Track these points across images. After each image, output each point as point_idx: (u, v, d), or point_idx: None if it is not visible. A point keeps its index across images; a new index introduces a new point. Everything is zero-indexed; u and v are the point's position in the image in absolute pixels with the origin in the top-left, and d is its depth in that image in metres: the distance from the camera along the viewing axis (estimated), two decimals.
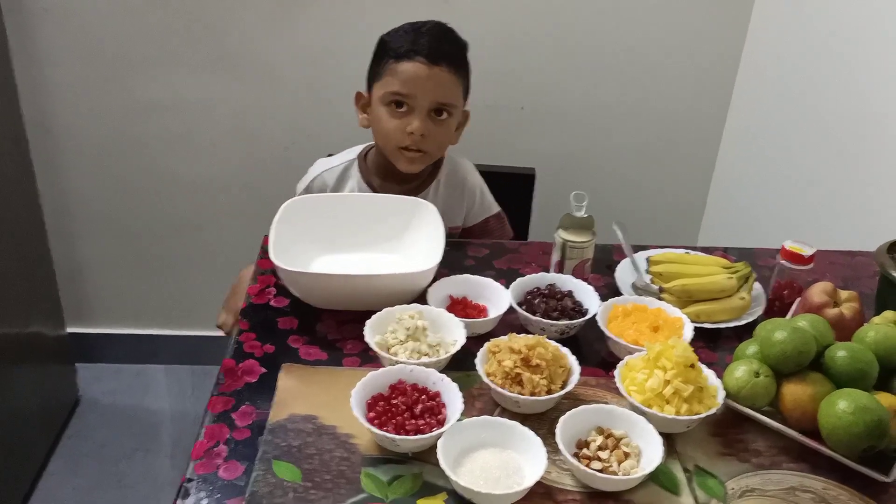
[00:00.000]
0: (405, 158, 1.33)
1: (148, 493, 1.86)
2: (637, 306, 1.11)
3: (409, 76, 1.28)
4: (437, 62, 1.28)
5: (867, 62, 1.46)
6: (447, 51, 1.31)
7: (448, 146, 1.39)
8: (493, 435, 0.89)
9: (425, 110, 1.29)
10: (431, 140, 1.31)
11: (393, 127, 1.30)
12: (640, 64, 1.91)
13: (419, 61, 1.28)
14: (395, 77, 1.29)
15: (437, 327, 1.06)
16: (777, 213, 1.77)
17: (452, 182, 1.45)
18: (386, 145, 1.34)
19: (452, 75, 1.30)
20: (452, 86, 1.31)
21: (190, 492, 0.84)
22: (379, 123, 1.33)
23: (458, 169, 1.46)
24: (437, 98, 1.30)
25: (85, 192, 1.99)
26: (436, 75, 1.28)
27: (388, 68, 1.29)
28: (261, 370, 1.02)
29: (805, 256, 1.13)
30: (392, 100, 1.30)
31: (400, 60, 1.28)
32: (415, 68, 1.28)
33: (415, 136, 1.29)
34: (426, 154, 1.33)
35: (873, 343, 0.95)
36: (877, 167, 1.44)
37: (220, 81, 1.87)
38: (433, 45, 1.29)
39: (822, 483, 0.89)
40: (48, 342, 1.92)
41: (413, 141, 1.30)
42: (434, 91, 1.29)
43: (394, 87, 1.28)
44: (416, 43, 1.28)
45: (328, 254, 1.24)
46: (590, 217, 1.18)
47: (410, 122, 1.29)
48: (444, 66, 1.29)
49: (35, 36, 1.80)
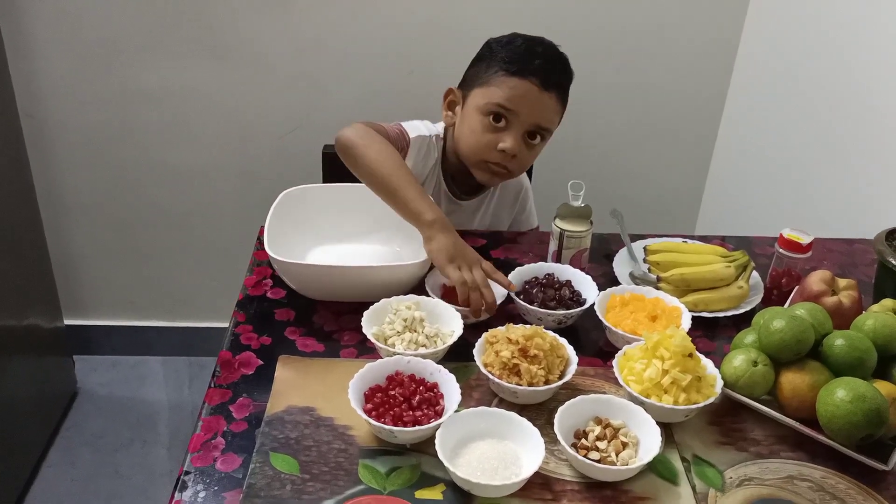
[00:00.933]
0: (487, 172, 1.31)
1: (145, 483, 1.86)
2: (635, 296, 1.11)
3: (519, 94, 1.24)
4: (549, 88, 1.25)
5: (865, 51, 1.46)
6: (560, 79, 1.29)
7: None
8: (491, 425, 0.89)
9: (522, 131, 1.27)
10: (518, 161, 1.29)
11: (486, 140, 1.27)
12: (637, 52, 1.90)
13: (532, 82, 1.24)
14: (502, 90, 1.25)
15: (435, 318, 1.05)
16: (775, 202, 1.77)
17: (508, 188, 1.45)
18: (471, 154, 1.30)
19: (558, 103, 1.28)
20: (554, 113, 1.29)
21: (188, 484, 0.84)
22: (470, 131, 1.29)
23: (524, 182, 1.47)
24: (538, 121, 1.27)
25: (80, 184, 1.98)
26: (544, 100, 1.25)
27: (498, 79, 1.25)
28: (258, 362, 1.02)
29: (803, 244, 1.13)
30: (493, 111, 1.26)
31: (512, 75, 1.24)
32: (526, 88, 1.24)
33: (506, 155, 1.27)
34: (509, 173, 1.31)
35: (871, 331, 0.95)
36: (874, 155, 1.43)
37: (214, 71, 1.86)
38: (549, 69, 1.26)
39: (821, 472, 0.90)
40: (45, 334, 1.91)
41: (502, 158, 1.28)
42: (538, 114, 1.26)
43: (499, 100, 1.25)
44: (532, 62, 1.25)
45: (325, 244, 1.24)
46: (587, 206, 1.18)
47: (504, 139, 1.26)
48: (554, 93, 1.26)
49: (27, 26, 1.79)
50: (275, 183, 1.31)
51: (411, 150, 1.34)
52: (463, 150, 1.32)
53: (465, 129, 1.30)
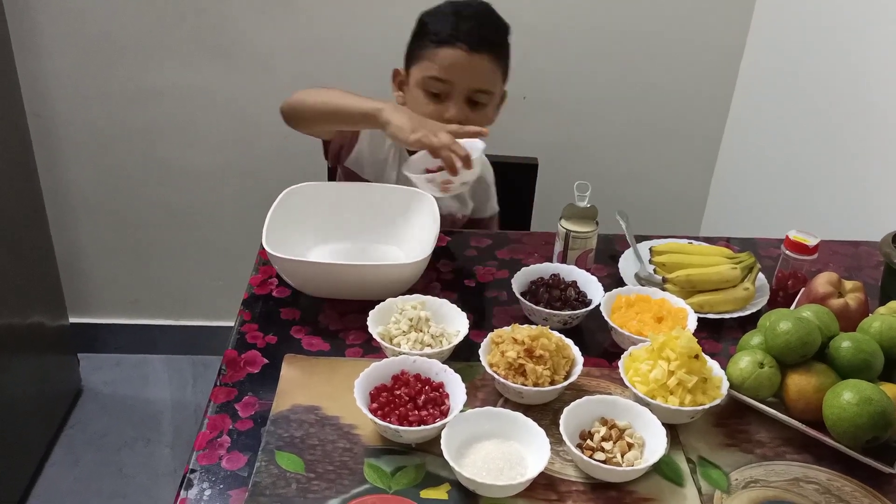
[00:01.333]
0: None
1: (148, 482, 1.86)
2: (640, 297, 1.11)
3: (449, 63, 1.25)
4: (478, 49, 1.25)
5: (871, 52, 1.45)
6: (489, 37, 1.27)
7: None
8: (497, 426, 0.89)
9: (463, 97, 1.28)
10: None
11: (430, 111, 1.28)
12: (644, 53, 1.90)
13: (460, 48, 1.25)
14: (433, 62, 1.26)
15: (440, 318, 1.05)
16: (779, 203, 1.76)
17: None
18: None
19: (492, 62, 1.28)
20: (491, 73, 1.29)
21: (193, 483, 0.84)
22: (416, 107, 1.30)
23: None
24: (476, 85, 1.27)
25: (85, 182, 1.98)
26: (476, 63, 1.25)
27: (428, 52, 1.27)
28: (263, 361, 1.02)
29: (809, 246, 1.13)
30: (430, 85, 1.27)
31: (440, 46, 1.25)
32: (455, 55, 1.25)
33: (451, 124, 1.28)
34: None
35: (878, 333, 0.95)
36: (881, 157, 1.43)
37: (219, 70, 1.86)
38: (475, 30, 1.26)
39: (826, 474, 0.89)
40: (49, 332, 1.92)
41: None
42: (473, 79, 1.27)
43: (432, 73, 1.26)
44: (457, 28, 1.25)
45: (327, 243, 1.24)
46: (593, 207, 1.18)
47: (447, 109, 1.27)
48: (485, 54, 1.26)
49: (34, 24, 1.79)
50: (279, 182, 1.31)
51: (363, 134, 1.35)
52: None
53: (412, 107, 1.31)
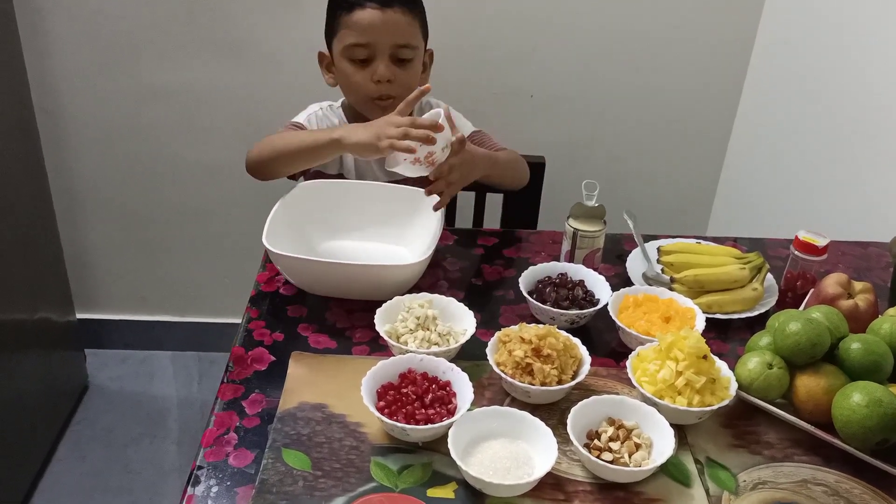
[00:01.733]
0: (378, 109, 1.30)
1: (154, 478, 1.87)
2: (648, 296, 1.10)
3: (364, 24, 1.25)
4: (390, 4, 1.25)
5: (880, 53, 1.45)
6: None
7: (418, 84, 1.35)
8: (504, 425, 0.89)
9: (387, 55, 1.27)
10: (399, 84, 1.29)
11: (359, 79, 1.28)
12: (652, 53, 1.89)
13: (370, 7, 1.25)
14: (350, 28, 1.26)
15: (447, 316, 1.05)
16: (788, 204, 1.76)
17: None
18: (357, 100, 1.33)
19: (407, 15, 1.27)
20: (409, 26, 1.28)
21: (200, 479, 0.84)
22: (346, 79, 1.31)
23: (425, 104, 1.43)
24: (396, 41, 1.27)
25: (93, 179, 1.98)
26: (390, 18, 1.25)
27: (342, 21, 1.27)
28: (270, 358, 1.02)
29: (819, 247, 1.12)
30: (351, 53, 1.28)
31: (352, 10, 1.26)
32: (368, 15, 1.25)
33: (382, 83, 1.28)
34: (397, 99, 1.28)
35: (888, 335, 0.95)
36: (890, 158, 1.42)
37: (227, 68, 1.86)
38: None
39: (835, 476, 0.89)
40: (57, 328, 1.92)
41: (382, 89, 1.28)
42: (392, 34, 1.26)
43: (351, 39, 1.26)
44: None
45: (333, 241, 1.24)
46: (601, 206, 1.17)
47: (374, 69, 1.27)
48: (398, 8, 1.26)
49: (44, 21, 1.79)
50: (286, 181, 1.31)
51: (307, 126, 1.36)
52: (352, 100, 1.34)
53: (342, 81, 1.32)
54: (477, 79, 1.89)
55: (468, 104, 1.86)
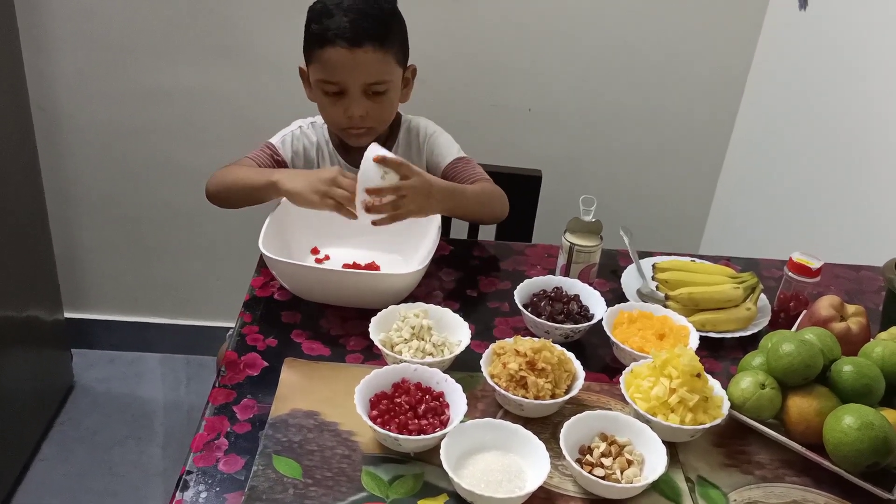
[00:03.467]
0: (353, 136, 1.30)
1: (138, 481, 1.85)
2: (643, 313, 1.10)
3: (333, 63, 1.21)
4: (360, 43, 1.20)
5: (875, 74, 1.46)
6: (368, 28, 1.20)
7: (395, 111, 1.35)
8: (496, 437, 0.89)
9: (359, 92, 1.24)
10: (373, 117, 1.27)
11: (333, 111, 1.27)
12: (649, 69, 1.91)
13: (341, 46, 1.20)
14: (321, 64, 1.23)
15: (442, 327, 1.05)
16: (781, 225, 1.77)
17: (408, 140, 1.41)
18: (331, 126, 1.33)
19: (378, 51, 1.22)
20: (380, 63, 1.23)
21: (189, 484, 0.83)
22: (321, 107, 1.30)
23: (412, 126, 1.41)
24: (367, 80, 1.23)
25: (87, 179, 1.97)
26: (360, 58, 1.20)
27: (315, 55, 1.24)
28: (263, 364, 1.01)
29: (812, 269, 1.13)
30: (324, 87, 1.25)
31: (323, 47, 1.21)
32: (337, 55, 1.20)
33: (354, 119, 1.26)
34: (372, 129, 1.30)
35: (880, 359, 0.95)
36: (884, 181, 1.43)
37: (224, 71, 1.86)
38: (352, 24, 1.20)
39: (825, 498, 0.89)
40: (45, 326, 1.91)
41: (354, 122, 1.27)
42: (362, 74, 1.22)
43: (322, 76, 1.24)
44: (337, 25, 1.20)
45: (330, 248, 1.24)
46: (598, 222, 1.18)
47: (347, 105, 1.25)
48: (368, 46, 1.20)
49: (43, 20, 1.79)
50: None
51: (281, 149, 1.35)
52: (327, 124, 1.34)
53: (318, 105, 1.31)
54: (475, 92, 1.89)
55: (466, 117, 1.87)
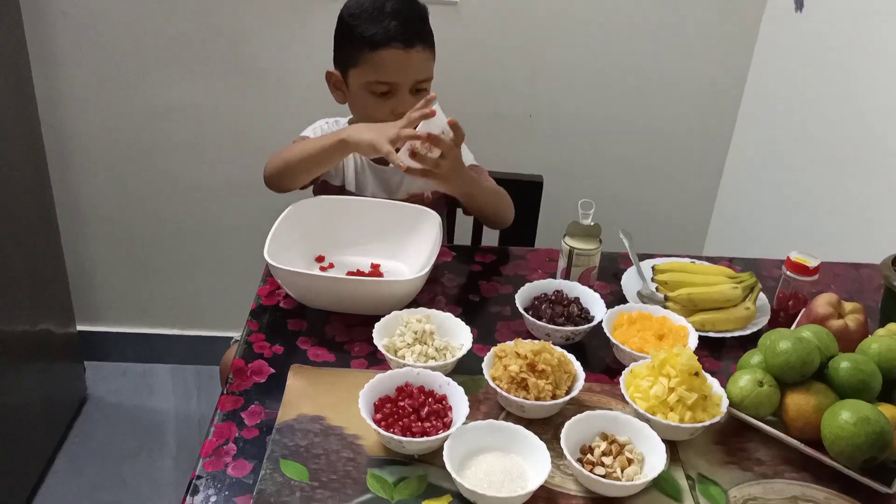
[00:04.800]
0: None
1: (149, 493, 1.87)
2: (642, 314, 1.12)
3: (389, 64, 1.28)
4: (412, 44, 1.28)
5: (872, 77, 1.47)
6: (418, 29, 1.30)
7: None
8: (498, 439, 0.90)
9: (407, 90, 1.31)
10: None
11: (381, 112, 1.31)
12: (649, 74, 1.92)
13: (396, 48, 1.27)
14: (373, 66, 1.29)
15: (444, 331, 1.07)
16: (782, 225, 1.78)
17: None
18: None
19: (426, 51, 1.31)
20: (427, 62, 1.32)
21: (199, 489, 0.85)
22: (364, 109, 1.34)
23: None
24: (418, 77, 1.31)
25: (97, 196, 2.01)
26: (413, 58, 1.29)
27: (364, 57, 1.29)
28: (269, 370, 1.03)
29: (810, 268, 1.14)
30: (374, 88, 1.30)
31: (376, 49, 1.28)
32: (392, 56, 1.27)
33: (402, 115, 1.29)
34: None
35: (877, 355, 0.96)
36: (881, 181, 1.44)
37: (231, 88, 1.89)
38: (404, 26, 1.28)
39: (825, 493, 0.90)
40: (57, 340, 1.93)
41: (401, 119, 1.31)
42: (415, 72, 1.30)
43: (375, 77, 1.29)
44: (387, 28, 1.27)
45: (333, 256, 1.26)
46: (597, 225, 1.19)
47: (396, 104, 1.30)
48: (419, 45, 1.29)
49: (52, 39, 1.82)
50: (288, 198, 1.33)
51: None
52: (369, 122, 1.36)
53: (359, 108, 1.35)
54: (477, 99, 1.92)
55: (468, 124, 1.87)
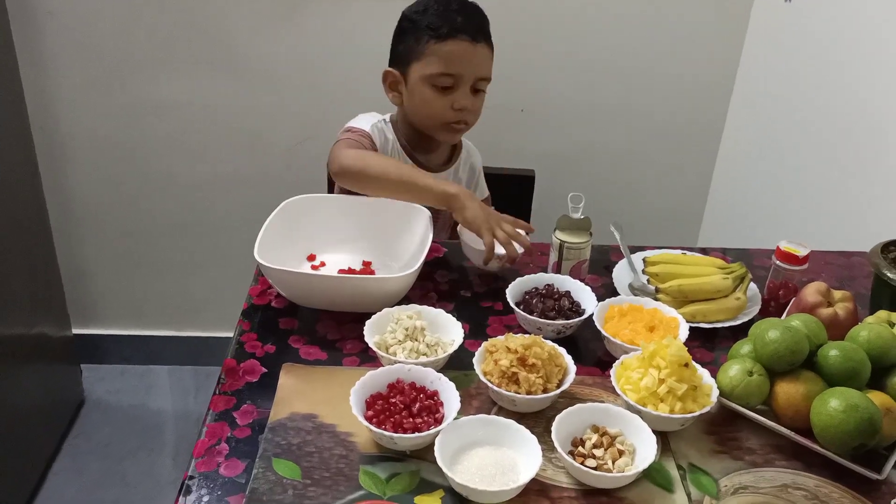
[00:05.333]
0: (449, 132, 1.38)
1: (150, 492, 1.88)
2: (633, 306, 1.12)
3: (456, 56, 1.30)
4: (479, 39, 1.31)
5: (861, 68, 1.47)
6: (483, 26, 1.34)
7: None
8: (490, 433, 0.91)
9: (469, 86, 1.33)
10: (473, 112, 1.37)
11: (440, 105, 1.33)
12: (640, 67, 1.92)
13: (463, 39, 1.30)
14: (439, 57, 1.30)
15: (436, 327, 1.07)
16: (774, 215, 1.78)
17: (466, 165, 1.51)
18: (430, 122, 1.37)
19: (489, 49, 1.35)
20: (489, 60, 1.35)
21: (192, 489, 0.86)
22: (422, 103, 1.35)
23: (471, 152, 1.52)
24: (480, 73, 1.34)
25: (90, 194, 2.01)
26: (478, 52, 1.32)
27: (431, 49, 1.31)
28: (261, 370, 1.04)
29: (799, 257, 1.14)
30: (437, 80, 1.32)
31: (443, 40, 1.30)
32: (460, 48, 1.30)
33: (462, 112, 1.34)
34: (467, 126, 1.38)
35: (866, 342, 0.97)
36: (871, 169, 1.45)
37: (222, 83, 1.89)
38: (471, 21, 1.32)
39: (815, 481, 0.91)
40: (54, 343, 1.94)
41: (460, 116, 1.34)
42: (478, 67, 1.33)
43: (440, 69, 1.31)
44: (455, 21, 1.30)
45: (324, 254, 1.26)
46: (586, 218, 1.19)
47: (456, 99, 1.33)
48: (484, 42, 1.33)
49: (40, 38, 1.82)
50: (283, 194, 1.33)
51: (376, 138, 1.39)
52: (423, 121, 1.38)
53: (418, 102, 1.35)
54: None
55: None
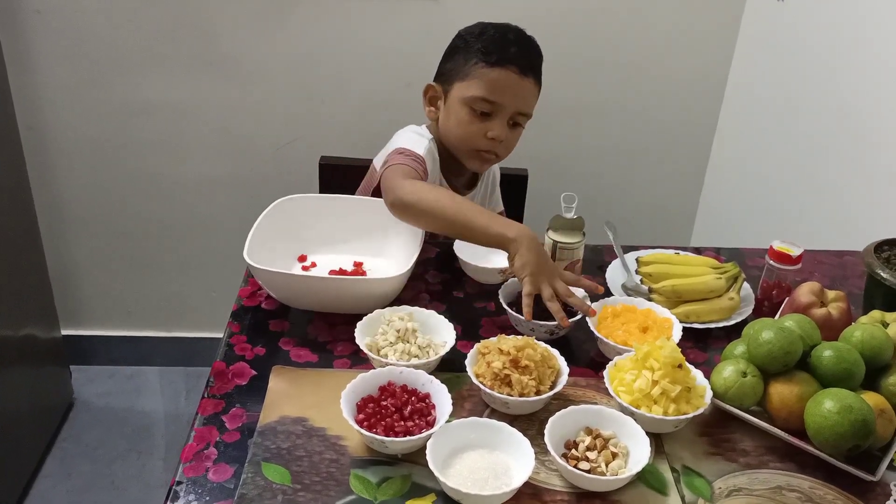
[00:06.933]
0: (478, 160, 1.34)
1: (140, 494, 1.86)
2: (626, 307, 1.11)
3: (501, 84, 1.28)
4: (527, 73, 1.29)
5: (854, 67, 1.47)
6: (535, 62, 1.32)
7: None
8: (482, 436, 0.90)
9: (507, 117, 1.31)
10: (505, 146, 1.34)
11: (474, 130, 1.31)
12: (633, 67, 1.92)
13: (511, 70, 1.27)
14: (484, 82, 1.28)
15: (427, 329, 1.06)
16: (767, 214, 1.78)
17: (488, 180, 1.50)
18: (460, 145, 1.34)
19: (536, 86, 1.32)
20: (533, 97, 1.33)
21: (179, 494, 0.84)
22: (458, 123, 1.32)
23: (494, 167, 1.51)
24: (521, 108, 1.31)
25: (77, 195, 1.99)
26: (524, 86, 1.29)
27: (478, 71, 1.28)
28: (251, 372, 1.02)
29: (793, 257, 1.14)
30: (477, 104, 1.29)
31: (492, 66, 1.27)
32: (507, 77, 1.27)
33: (494, 142, 1.31)
34: (497, 158, 1.35)
35: (860, 343, 0.96)
36: (864, 169, 1.45)
37: (210, 83, 1.88)
38: (524, 55, 1.29)
39: (809, 482, 0.90)
40: (42, 344, 1.92)
41: (491, 146, 1.31)
42: (519, 101, 1.30)
43: (482, 93, 1.28)
44: (507, 51, 1.28)
45: (316, 255, 1.25)
46: (579, 218, 1.19)
47: (491, 127, 1.30)
48: (532, 77, 1.30)
49: (27, 38, 1.80)
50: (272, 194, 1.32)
51: (429, 164, 1.33)
52: (452, 142, 1.35)
53: (452, 122, 1.33)
54: None
55: None
